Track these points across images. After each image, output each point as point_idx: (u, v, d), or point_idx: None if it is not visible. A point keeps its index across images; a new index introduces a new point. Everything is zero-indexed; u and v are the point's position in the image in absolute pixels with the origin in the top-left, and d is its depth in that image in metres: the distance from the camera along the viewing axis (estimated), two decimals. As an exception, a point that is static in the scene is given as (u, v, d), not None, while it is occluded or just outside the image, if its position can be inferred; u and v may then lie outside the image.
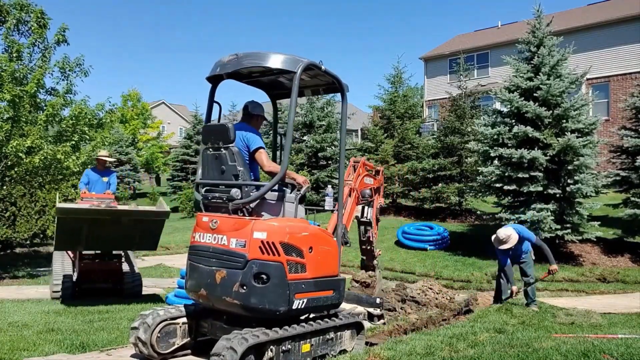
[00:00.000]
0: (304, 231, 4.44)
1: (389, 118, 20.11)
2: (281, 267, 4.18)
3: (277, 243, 4.18)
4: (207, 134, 4.69)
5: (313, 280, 4.41)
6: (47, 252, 12.64)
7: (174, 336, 4.69)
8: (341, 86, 4.91)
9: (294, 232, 4.33)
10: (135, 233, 7.31)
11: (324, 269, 4.56)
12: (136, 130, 36.50)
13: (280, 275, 4.17)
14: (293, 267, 4.27)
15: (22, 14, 10.27)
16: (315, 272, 4.44)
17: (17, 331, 5.71)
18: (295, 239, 4.30)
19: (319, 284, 4.48)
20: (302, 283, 4.31)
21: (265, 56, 4.44)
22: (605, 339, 4.95)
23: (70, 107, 10.26)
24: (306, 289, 4.34)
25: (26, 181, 11.11)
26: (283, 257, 4.19)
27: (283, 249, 4.20)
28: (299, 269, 4.30)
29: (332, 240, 4.78)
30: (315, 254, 4.44)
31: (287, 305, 4.19)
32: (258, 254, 4.16)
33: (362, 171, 6.52)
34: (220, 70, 4.65)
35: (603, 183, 12.03)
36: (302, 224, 4.54)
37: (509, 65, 12.61)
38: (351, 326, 5.04)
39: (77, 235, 6.87)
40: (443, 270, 11.19)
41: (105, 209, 6.75)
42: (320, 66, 4.62)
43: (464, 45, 28.23)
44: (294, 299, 4.23)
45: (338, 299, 4.75)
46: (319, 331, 4.65)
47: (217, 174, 4.57)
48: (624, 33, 23.09)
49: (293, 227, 4.39)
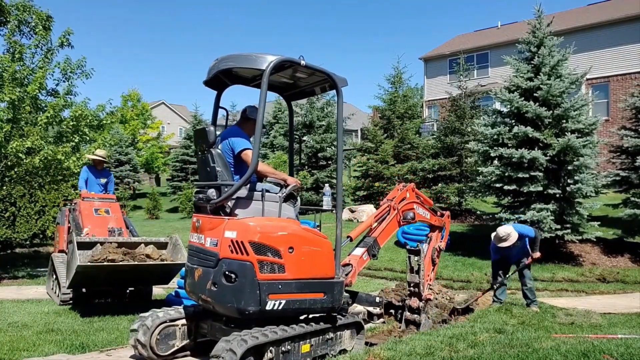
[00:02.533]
0: (282, 231, 4.35)
1: (388, 118, 20.11)
2: (250, 266, 4.12)
3: (246, 242, 4.14)
4: (196, 137, 4.79)
5: (294, 282, 4.32)
6: (47, 253, 12.63)
7: (173, 338, 4.69)
8: (333, 80, 4.82)
9: (267, 231, 4.26)
10: (151, 276, 7.34)
11: (310, 271, 4.46)
12: (136, 130, 36.48)
13: (249, 274, 4.11)
14: (267, 267, 4.20)
15: (24, 14, 10.27)
16: (297, 273, 4.35)
17: (16, 331, 5.71)
18: (269, 239, 4.23)
19: (302, 286, 4.38)
20: (279, 284, 4.23)
21: (238, 57, 4.49)
22: (605, 339, 4.95)
23: (71, 108, 10.24)
24: (284, 290, 4.26)
25: (26, 181, 11.10)
26: (253, 257, 4.14)
27: (253, 248, 4.15)
28: (276, 269, 4.23)
29: (324, 242, 4.65)
30: (298, 254, 4.36)
31: (258, 305, 4.12)
32: (228, 253, 4.19)
33: (411, 195, 6.31)
34: (206, 75, 4.74)
35: (603, 183, 12.03)
36: (281, 224, 4.42)
37: (509, 65, 12.61)
38: (351, 326, 5.03)
39: (93, 278, 6.88)
40: (443, 270, 11.18)
41: (126, 264, 6.59)
42: (299, 62, 4.51)
43: (464, 46, 28.23)
44: (267, 300, 4.15)
45: (331, 302, 4.62)
46: (319, 331, 4.65)
47: (205, 176, 4.67)
48: (624, 33, 23.10)
49: (267, 226, 4.31)
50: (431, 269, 6.51)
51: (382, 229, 5.87)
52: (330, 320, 4.77)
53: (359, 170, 19.56)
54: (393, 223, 6.00)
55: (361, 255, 5.59)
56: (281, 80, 5.23)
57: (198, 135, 4.71)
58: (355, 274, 5.39)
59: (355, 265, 5.41)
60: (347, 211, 17.24)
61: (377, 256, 5.80)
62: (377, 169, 17.89)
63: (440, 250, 6.75)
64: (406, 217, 6.10)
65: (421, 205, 6.41)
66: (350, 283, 5.20)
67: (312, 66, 4.65)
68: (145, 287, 7.89)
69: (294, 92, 5.58)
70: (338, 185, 4.89)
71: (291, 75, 5.03)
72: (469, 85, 19.91)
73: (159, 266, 6.97)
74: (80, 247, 6.70)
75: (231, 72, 4.84)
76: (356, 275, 5.41)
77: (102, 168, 8.95)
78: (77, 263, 6.27)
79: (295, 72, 4.92)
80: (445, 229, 6.95)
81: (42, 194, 13.25)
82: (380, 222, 5.94)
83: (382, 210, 6.06)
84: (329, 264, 4.65)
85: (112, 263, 6.52)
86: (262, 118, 4.33)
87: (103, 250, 6.72)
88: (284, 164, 19.37)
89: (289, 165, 5.99)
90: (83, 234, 7.61)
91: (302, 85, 5.34)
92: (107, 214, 8.16)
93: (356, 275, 5.41)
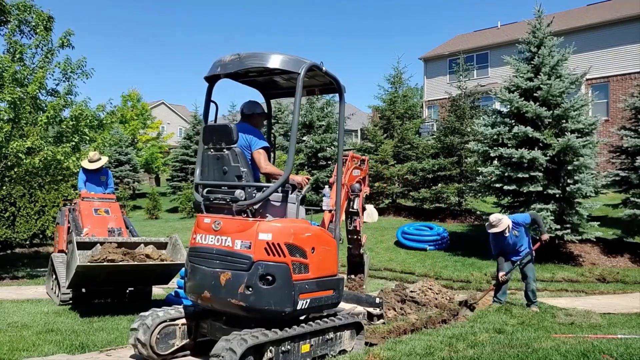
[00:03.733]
0: (307, 232, 4.47)
1: (388, 118, 20.11)
2: (286, 268, 4.20)
3: (282, 244, 4.21)
4: (209, 134, 4.65)
5: (315, 280, 4.45)
6: (47, 253, 12.63)
7: (173, 337, 4.69)
8: (339, 87, 4.92)
9: (297, 232, 4.36)
10: (150, 276, 7.33)
11: (324, 269, 4.59)
12: (136, 130, 36.44)
13: (286, 276, 4.20)
14: (297, 267, 4.30)
15: (24, 14, 10.27)
16: (317, 272, 4.47)
17: (16, 331, 5.71)
18: (299, 240, 4.34)
19: (320, 284, 4.51)
20: (306, 283, 4.34)
21: (268, 57, 4.42)
22: (605, 339, 4.95)
23: (71, 108, 10.24)
24: (309, 289, 4.38)
25: (26, 181, 11.10)
26: (288, 258, 4.22)
27: (288, 249, 4.23)
28: (303, 270, 4.34)
29: (332, 240, 4.79)
30: (317, 254, 4.48)
31: (292, 306, 4.22)
32: (264, 255, 4.17)
33: (351, 165, 6.51)
34: (221, 70, 4.61)
35: (603, 183, 12.04)
36: (304, 225, 4.55)
37: (509, 65, 12.62)
38: (351, 326, 5.04)
39: (93, 278, 6.87)
40: (443, 270, 11.19)
41: (126, 264, 6.58)
42: (322, 67, 4.63)
43: (464, 46, 28.24)
44: (299, 300, 4.26)
45: (337, 298, 4.77)
46: (319, 331, 4.65)
47: (219, 175, 4.55)
48: (623, 33, 23.10)
49: (297, 227, 4.42)
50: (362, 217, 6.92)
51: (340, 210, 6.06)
52: (334, 316, 4.87)
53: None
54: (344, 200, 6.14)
55: None
56: (266, 78, 5.18)
57: (213, 132, 4.61)
58: None
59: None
60: (347, 211, 17.22)
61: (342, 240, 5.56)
62: (377, 169, 17.89)
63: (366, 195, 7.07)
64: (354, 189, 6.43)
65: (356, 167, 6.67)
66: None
67: (330, 74, 4.79)
68: (145, 287, 7.89)
69: (275, 92, 5.67)
70: (337, 187, 4.91)
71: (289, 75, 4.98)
72: (468, 85, 19.93)
73: (158, 266, 6.97)
74: (80, 247, 6.69)
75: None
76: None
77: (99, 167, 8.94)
78: (77, 263, 6.26)
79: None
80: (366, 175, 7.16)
81: (42, 194, 13.26)
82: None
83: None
84: (335, 261, 4.79)
85: (111, 263, 6.51)
86: (297, 120, 4.39)
87: (103, 251, 6.71)
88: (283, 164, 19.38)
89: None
90: (83, 234, 7.60)
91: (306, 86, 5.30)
92: (106, 214, 8.16)
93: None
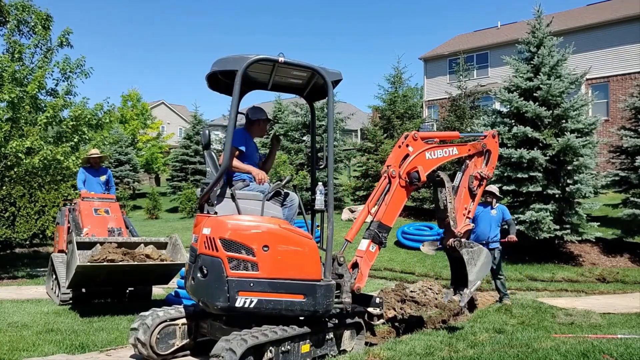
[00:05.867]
0: (256, 229, 4.31)
1: (388, 118, 20.11)
2: (220, 262, 4.17)
3: (216, 239, 4.21)
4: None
5: (268, 281, 4.24)
6: (47, 253, 12.64)
7: (173, 337, 4.70)
8: (321, 74, 4.61)
9: (239, 229, 4.27)
10: (150, 276, 7.34)
11: (290, 271, 4.35)
12: (136, 130, 36.44)
13: (218, 270, 4.17)
14: (239, 264, 4.19)
15: (23, 14, 10.27)
16: (273, 272, 4.27)
17: (16, 331, 5.71)
18: (241, 236, 4.24)
19: (278, 286, 4.27)
20: (251, 282, 4.19)
21: (222, 60, 4.51)
22: (605, 339, 4.95)
23: (70, 108, 10.24)
24: (256, 289, 4.20)
25: (26, 181, 11.10)
26: (222, 253, 4.19)
27: (223, 245, 4.20)
28: (247, 267, 4.21)
29: (307, 242, 4.51)
30: (274, 253, 4.28)
31: (226, 301, 4.13)
32: (203, 249, 4.32)
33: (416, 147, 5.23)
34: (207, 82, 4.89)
35: (602, 183, 12.04)
36: (257, 222, 4.36)
37: (509, 65, 12.62)
38: (351, 326, 5.02)
39: (93, 278, 6.88)
40: (443, 270, 11.18)
41: (126, 264, 6.59)
42: (277, 59, 4.39)
43: (464, 46, 28.24)
44: (237, 296, 4.13)
45: (313, 305, 4.39)
46: (319, 331, 4.63)
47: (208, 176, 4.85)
48: (623, 33, 23.11)
49: (239, 224, 4.31)
50: (470, 201, 5.68)
51: (386, 207, 5.14)
52: (313, 325, 4.55)
53: (359, 170, 19.55)
54: (399, 193, 5.18)
55: (367, 248, 5.09)
56: (289, 81, 5.18)
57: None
58: (364, 277, 5.00)
59: (361, 265, 5.00)
60: (347, 211, 17.23)
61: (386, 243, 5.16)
62: (377, 169, 17.88)
63: (486, 178, 5.80)
64: (412, 179, 5.15)
65: (437, 147, 5.42)
66: (357, 289, 4.86)
67: (295, 63, 4.51)
68: (145, 287, 7.89)
69: (314, 94, 5.50)
70: (329, 183, 4.71)
71: (295, 75, 4.98)
72: (468, 85, 19.95)
73: (158, 266, 6.97)
74: (80, 247, 6.69)
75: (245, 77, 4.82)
76: (364, 278, 5.01)
77: (99, 167, 8.93)
78: (77, 263, 6.26)
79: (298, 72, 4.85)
80: (492, 153, 5.92)
81: (42, 194, 13.25)
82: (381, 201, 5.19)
83: (379, 186, 5.25)
84: (313, 265, 4.48)
85: (111, 263, 6.52)
86: (235, 116, 4.36)
87: (103, 250, 6.71)
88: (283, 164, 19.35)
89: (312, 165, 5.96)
90: (83, 234, 7.60)
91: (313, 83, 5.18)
92: (106, 214, 8.15)
93: (365, 278, 5.01)
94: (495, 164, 5.99)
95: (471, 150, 5.82)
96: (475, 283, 5.50)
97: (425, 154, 5.35)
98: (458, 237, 5.45)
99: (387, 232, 5.14)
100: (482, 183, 5.80)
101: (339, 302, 4.69)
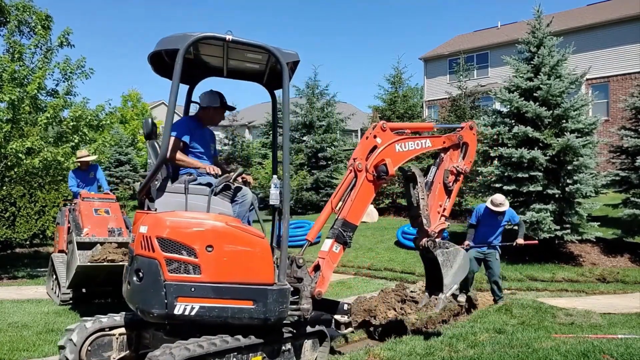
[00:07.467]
0: (199, 227, 3.82)
1: (388, 118, 20.11)
2: (156, 264, 3.69)
3: (153, 238, 3.73)
4: None
5: (212, 285, 3.78)
6: (47, 253, 12.63)
7: (108, 349, 4.24)
8: (274, 54, 4.08)
9: (179, 226, 3.78)
10: None
11: (235, 274, 3.87)
12: (136, 130, 36.44)
13: (154, 273, 3.69)
14: (177, 266, 3.73)
15: (23, 15, 10.28)
16: (217, 276, 3.81)
17: (16, 331, 5.71)
18: (181, 235, 3.76)
19: (223, 291, 3.81)
20: (192, 286, 3.73)
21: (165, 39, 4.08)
22: (605, 339, 4.94)
23: (70, 108, 10.25)
24: (198, 294, 3.73)
25: (26, 182, 11.11)
26: (159, 254, 3.71)
27: (160, 244, 3.72)
28: (188, 270, 3.75)
29: (258, 241, 4.01)
30: (219, 254, 3.81)
31: (163, 308, 3.66)
32: (139, 249, 3.82)
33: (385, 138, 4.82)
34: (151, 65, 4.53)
35: (602, 183, 12.02)
36: (200, 219, 3.89)
37: (509, 65, 12.62)
38: (312, 335, 4.51)
39: (93, 278, 6.88)
40: (443, 270, 11.17)
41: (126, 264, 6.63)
42: (224, 37, 3.91)
43: (464, 46, 28.24)
44: (175, 303, 3.67)
45: (263, 313, 3.91)
46: (272, 342, 4.15)
47: None
48: (623, 33, 23.11)
49: (179, 221, 3.82)
50: (445, 198, 5.29)
51: (352, 203, 4.69)
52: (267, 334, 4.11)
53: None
54: (365, 188, 4.76)
55: (330, 248, 4.66)
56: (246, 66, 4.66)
57: None
58: (325, 281, 4.55)
59: (323, 268, 4.57)
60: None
61: (350, 243, 4.67)
62: (377, 169, 17.89)
63: (463, 172, 5.39)
64: (379, 173, 4.74)
65: (408, 139, 5.05)
66: (318, 293, 4.41)
67: (243, 41, 3.99)
68: None
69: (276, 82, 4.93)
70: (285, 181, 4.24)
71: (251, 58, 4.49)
72: (468, 85, 19.93)
73: None
74: (80, 247, 6.70)
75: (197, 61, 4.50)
76: (327, 281, 4.58)
77: (88, 166, 8.97)
78: (77, 263, 6.27)
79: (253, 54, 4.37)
80: (469, 145, 5.51)
81: (42, 194, 13.26)
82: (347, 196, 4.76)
83: (344, 181, 4.82)
84: (264, 267, 4.00)
85: (112, 263, 6.52)
86: (174, 102, 3.94)
87: (103, 251, 6.72)
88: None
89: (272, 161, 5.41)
90: (83, 234, 7.61)
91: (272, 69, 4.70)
92: (106, 214, 8.16)
93: (327, 282, 4.58)
94: (474, 157, 5.61)
95: (446, 142, 5.42)
96: (451, 287, 5.03)
97: (394, 146, 4.95)
98: (432, 237, 5.09)
99: (352, 231, 4.71)
100: (458, 178, 5.40)
101: (297, 309, 4.20)
